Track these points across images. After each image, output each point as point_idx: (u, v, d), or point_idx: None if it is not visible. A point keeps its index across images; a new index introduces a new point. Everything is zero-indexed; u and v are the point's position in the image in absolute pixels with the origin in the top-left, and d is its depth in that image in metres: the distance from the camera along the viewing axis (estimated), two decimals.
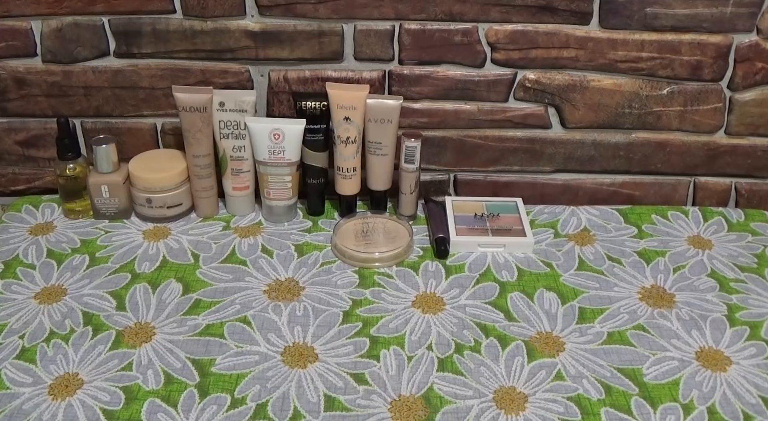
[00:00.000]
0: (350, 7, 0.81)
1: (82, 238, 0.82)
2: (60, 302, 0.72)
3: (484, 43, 0.83)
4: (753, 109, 0.87)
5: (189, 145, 0.82)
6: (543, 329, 0.69)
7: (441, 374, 0.63)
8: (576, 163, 0.91)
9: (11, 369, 0.63)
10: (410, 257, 0.80)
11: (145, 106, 0.88)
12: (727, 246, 0.82)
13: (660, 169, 0.91)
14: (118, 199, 0.84)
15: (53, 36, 0.84)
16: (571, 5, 0.81)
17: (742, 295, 0.74)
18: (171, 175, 0.83)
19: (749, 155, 0.90)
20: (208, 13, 0.82)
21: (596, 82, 0.85)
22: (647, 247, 0.82)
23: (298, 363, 0.64)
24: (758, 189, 0.92)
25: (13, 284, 0.74)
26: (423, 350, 0.66)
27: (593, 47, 0.83)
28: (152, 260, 0.78)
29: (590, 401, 0.61)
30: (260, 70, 0.86)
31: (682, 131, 0.88)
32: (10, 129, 0.90)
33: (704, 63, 0.84)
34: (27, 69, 0.86)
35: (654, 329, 0.69)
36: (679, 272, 0.77)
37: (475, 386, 0.62)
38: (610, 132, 0.89)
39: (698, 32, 0.82)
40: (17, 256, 0.79)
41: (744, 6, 0.81)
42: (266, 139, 0.81)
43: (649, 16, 0.81)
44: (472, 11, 0.81)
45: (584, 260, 0.79)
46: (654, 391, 0.62)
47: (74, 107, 0.88)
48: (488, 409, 0.60)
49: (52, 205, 0.88)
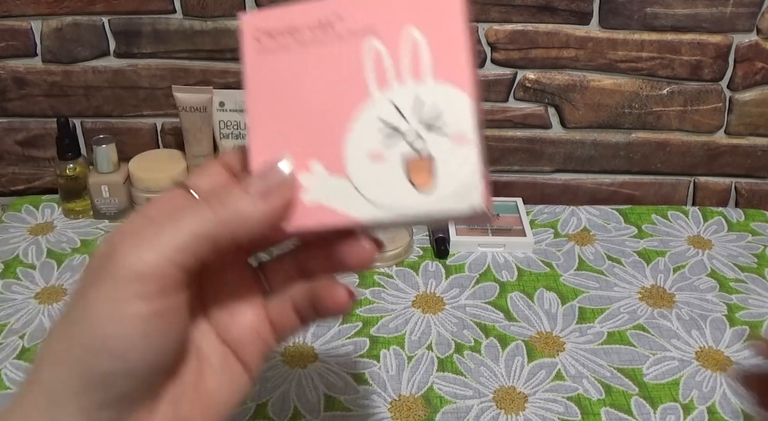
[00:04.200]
0: None
1: (82, 238, 0.82)
2: (60, 302, 0.72)
3: (484, 43, 0.83)
4: (753, 109, 0.87)
5: (189, 145, 0.82)
6: (543, 329, 0.69)
7: (441, 374, 0.63)
8: (576, 163, 0.91)
9: (11, 369, 0.63)
10: (410, 256, 0.80)
11: (145, 106, 0.88)
12: (727, 246, 0.82)
13: (660, 169, 0.91)
14: (118, 200, 0.84)
15: (53, 36, 0.84)
16: (571, 5, 0.81)
17: (742, 295, 0.74)
18: (171, 175, 0.83)
19: (749, 155, 0.90)
20: (208, 13, 0.82)
21: (596, 82, 0.85)
22: (647, 247, 0.82)
23: (298, 363, 0.64)
24: (758, 189, 0.92)
25: (13, 284, 0.74)
26: (423, 350, 0.66)
27: (593, 47, 0.83)
28: None
29: (590, 401, 0.61)
30: None
31: (682, 131, 0.88)
32: (10, 129, 0.90)
33: (704, 63, 0.84)
34: (27, 69, 0.86)
35: (654, 329, 0.69)
36: (679, 271, 0.77)
37: (475, 386, 0.62)
38: (610, 132, 0.89)
39: (698, 32, 0.82)
40: (17, 256, 0.79)
41: (744, 6, 0.81)
42: None
43: (649, 16, 0.81)
44: (472, 11, 0.81)
45: (584, 259, 0.79)
46: (654, 391, 0.62)
47: (74, 107, 0.88)
48: (488, 409, 0.60)
49: (52, 205, 0.88)
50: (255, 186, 0.32)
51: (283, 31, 0.36)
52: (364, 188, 0.33)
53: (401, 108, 0.33)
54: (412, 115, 0.33)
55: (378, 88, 0.34)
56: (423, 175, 0.32)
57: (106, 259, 0.30)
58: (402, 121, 0.33)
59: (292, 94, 0.35)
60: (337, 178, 0.34)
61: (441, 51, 0.33)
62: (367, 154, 0.33)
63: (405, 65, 0.33)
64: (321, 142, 0.34)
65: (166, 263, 0.30)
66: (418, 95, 0.33)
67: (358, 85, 0.34)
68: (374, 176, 0.33)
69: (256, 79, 0.36)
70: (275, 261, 0.38)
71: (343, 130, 0.34)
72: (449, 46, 0.33)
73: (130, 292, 0.29)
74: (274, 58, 0.35)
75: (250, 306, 0.37)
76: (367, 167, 0.33)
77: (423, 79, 0.33)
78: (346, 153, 0.34)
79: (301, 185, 0.34)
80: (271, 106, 0.35)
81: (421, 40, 0.33)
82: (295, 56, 0.35)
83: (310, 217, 0.34)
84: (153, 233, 0.30)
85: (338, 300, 0.34)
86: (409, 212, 0.33)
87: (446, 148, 0.32)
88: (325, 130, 0.34)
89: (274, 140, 0.35)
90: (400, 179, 0.33)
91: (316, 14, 0.35)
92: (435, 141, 0.33)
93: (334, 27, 0.35)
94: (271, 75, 0.35)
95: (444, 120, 0.33)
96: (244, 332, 0.36)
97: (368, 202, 0.33)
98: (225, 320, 0.36)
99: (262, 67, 0.36)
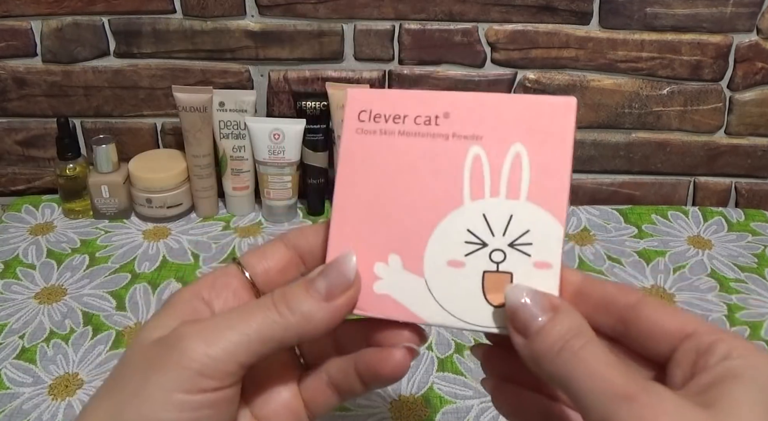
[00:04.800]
0: (350, 7, 0.81)
1: (82, 238, 0.82)
2: (60, 302, 0.72)
3: (484, 43, 0.83)
4: (753, 109, 0.87)
5: (189, 145, 0.82)
6: None
7: (441, 374, 0.63)
8: (576, 163, 0.90)
9: (11, 369, 0.63)
10: None
11: (145, 106, 0.88)
12: (727, 246, 0.82)
13: (660, 169, 0.91)
14: (118, 199, 0.84)
15: (53, 36, 0.84)
16: (571, 5, 0.81)
17: (742, 295, 0.74)
18: (171, 175, 0.83)
19: (749, 155, 0.90)
20: (208, 13, 0.82)
21: (596, 82, 0.85)
22: (647, 247, 0.82)
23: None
24: (758, 189, 0.92)
25: (13, 284, 0.74)
26: (423, 350, 0.66)
27: (593, 47, 0.83)
28: (152, 259, 0.78)
29: None
30: (260, 70, 0.86)
31: (682, 131, 0.88)
32: (10, 129, 0.90)
33: (704, 63, 0.84)
34: (27, 69, 0.86)
35: None
36: (679, 271, 0.77)
37: (475, 386, 0.62)
38: (610, 132, 0.89)
39: (698, 32, 0.82)
40: (17, 256, 0.79)
41: (744, 6, 0.81)
42: (266, 139, 0.81)
43: (649, 16, 0.81)
44: (472, 11, 0.81)
45: (584, 259, 0.79)
46: None
47: (74, 107, 0.88)
48: (488, 409, 0.60)
49: (52, 205, 0.88)
50: (320, 287, 0.32)
51: (389, 115, 0.35)
52: (437, 292, 0.33)
53: (491, 222, 0.33)
54: (501, 232, 0.33)
55: (471, 197, 0.33)
56: (498, 292, 0.32)
57: (172, 349, 0.31)
58: (489, 235, 0.33)
59: (383, 181, 0.35)
60: (412, 275, 0.34)
61: (543, 174, 0.33)
62: (447, 260, 0.33)
63: (504, 180, 0.33)
64: (404, 237, 0.34)
65: (232, 361, 0.31)
66: (511, 213, 0.33)
67: (453, 190, 0.33)
68: (449, 283, 0.33)
69: (350, 158, 0.35)
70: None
71: (429, 231, 0.34)
72: (552, 170, 0.33)
73: (193, 385, 0.30)
74: (373, 141, 0.35)
75: (285, 385, 0.36)
76: (445, 272, 0.33)
77: (519, 197, 0.33)
78: (427, 254, 0.34)
79: (375, 275, 0.34)
80: (360, 188, 0.35)
81: (525, 158, 0.33)
82: (395, 144, 0.35)
83: (376, 306, 0.34)
84: (221, 329, 0.31)
85: (395, 362, 0.33)
86: (475, 324, 0.33)
87: (527, 270, 0.32)
88: (411, 226, 0.34)
89: (356, 227, 0.35)
90: (475, 291, 0.33)
91: (425, 106, 0.34)
92: (518, 261, 0.32)
93: (440, 124, 0.34)
94: (366, 157, 0.35)
95: (531, 243, 0.32)
96: (279, 410, 0.36)
97: (438, 305, 0.33)
98: (261, 399, 0.36)
99: (359, 147, 0.35)
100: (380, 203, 0.34)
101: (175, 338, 0.31)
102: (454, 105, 0.34)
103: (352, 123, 0.35)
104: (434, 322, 0.33)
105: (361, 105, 0.36)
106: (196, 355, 0.30)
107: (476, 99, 0.34)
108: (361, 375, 0.34)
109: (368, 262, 0.34)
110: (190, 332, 0.31)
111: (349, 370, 0.35)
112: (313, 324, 0.32)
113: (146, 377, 0.30)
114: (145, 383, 0.30)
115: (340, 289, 0.33)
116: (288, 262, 0.36)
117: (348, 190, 0.35)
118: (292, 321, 0.32)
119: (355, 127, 0.35)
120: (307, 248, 0.36)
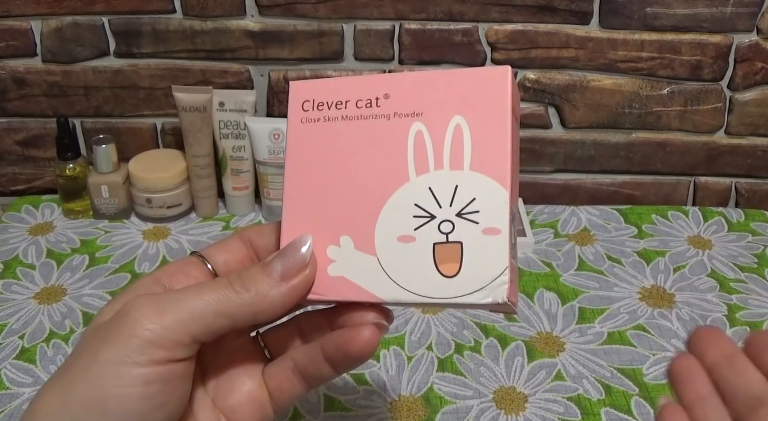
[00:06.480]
0: (350, 7, 0.81)
1: (82, 238, 0.82)
2: (60, 302, 0.72)
3: (484, 43, 0.83)
4: (753, 109, 0.87)
5: (189, 145, 0.82)
6: (543, 329, 0.69)
7: (441, 374, 0.63)
8: (576, 163, 0.91)
9: (11, 369, 0.63)
10: None
11: (145, 106, 0.88)
12: (727, 246, 0.82)
13: (660, 169, 0.91)
14: (117, 199, 0.84)
15: (53, 36, 0.84)
16: (571, 5, 0.81)
17: (742, 295, 0.74)
18: (171, 175, 0.83)
19: (749, 155, 0.90)
20: (208, 13, 0.82)
21: (596, 82, 0.85)
22: (647, 247, 0.81)
23: None
24: (758, 189, 0.92)
25: (12, 284, 0.74)
26: (423, 350, 0.66)
27: (593, 47, 0.83)
28: (152, 260, 0.78)
29: (590, 401, 0.61)
30: (260, 70, 0.86)
31: (682, 131, 0.88)
32: (10, 129, 0.90)
33: (704, 63, 0.84)
34: (27, 69, 0.86)
35: (654, 330, 0.69)
36: (679, 272, 0.77)
37: (475, 387, 0.62)
38: (610, 132, 0.89)
39: (698, 32, 0.82)
40: (17, 256, 0.79)
41: (744, 6, 0.81)
42: (266, 139, 0.81)
43: (649, 16, 0.81)
44: (472, 11, 0.81)
45: (584, 260, 0.79)
46: (654, 391, 0.62)
47: (74, 107, 0.88)
48: (488, 409, 0.60)
49: (52, 205, 0.88)
50: (276, 268, 0.33)
51: (331, 102, 0.36)
52: (391, 269, 0.33)
53: (437, 194, 0.33)
54: (447, 203, 0.33)
55: (416, 172, 0.34)
56: (450, 262, 0.33)
57: (122, 320, 0.31)
58: (436, 208, 0.33)
59: (331, 166, 0.35)
60: (364, 255, 0.34)
61: (484, 142, 0.33)
62: (397, 236, 0.34)
63: (446, 153, 0.33)
64: (354, 218, 0.34)
65: (183, 331, 0.31)
66: (456, 184, 0.33)
67: (398, 168, 0.34)
68: (402, 258, 0.33)
69: (297, 147, 0.36)
70: (277, 328, 0.38)
71: (377, 210, 0.34)
72: (493, 138, 0.33)
73: (143, 355, 0.30)
74: (317, 129, 0.36)
75: (249, 375, 0.36)
76: (396, 248, 0.33)
77: (462, 167, 0.33)
78: (377, 232, 0.34)
79: (328, 258, 0.34)
80: (309, 175, 0.35)
81: (466, 129, 0.33)
82: (339, 129, 0.35)
83: (331, 289, 0.34)
84: (175, 301, 0.31)
85: (365, 340, 0.33)
86: (431, 297, 0.33)
87: (476, 238, 0.32)
88: (359, 207, 0.34)
89: (307, 213, 0.35)
90: (428, 264, 0.33)
91: (365, 90, 0.35)
92: (466, 230, 0.33)
93: (381, 105, 0.35)
94: (312, 145, 0.36)
95: (478, 211, 0.33)
96: (242, 400, 0.36)
97: (392, 282, 0.33)
98: (223, 388, 0.36)
99: (305, 136, 0.36)
100: (329, 188, 0.35)
101: (127, 308, 0.31)
102: (393, 85, 0.35)
103: (296, 114, 0.36)
104: (391, 299, 0.33)
105: (304, 95, 0.36)
106: (149, 323, 0.30)
107: (414, 77, 0.35)
108: (330, 358, 0.34)
109: (321, 246, 0.34)
110: (142, 302, 0.31)
111: (316, 355, 0.35)
112: (268, 301, 0.32)
113: (95, 353, 0.30)
114: (94, 359, 0.30)
115: (296, 269, 0.33)
116: (246, 255, 0.37)
117: (297, 179, 0.36)
118: (246, 298, 0.32)
119: (300, 117, 0.36)
120: (263, 245, 0.37)
